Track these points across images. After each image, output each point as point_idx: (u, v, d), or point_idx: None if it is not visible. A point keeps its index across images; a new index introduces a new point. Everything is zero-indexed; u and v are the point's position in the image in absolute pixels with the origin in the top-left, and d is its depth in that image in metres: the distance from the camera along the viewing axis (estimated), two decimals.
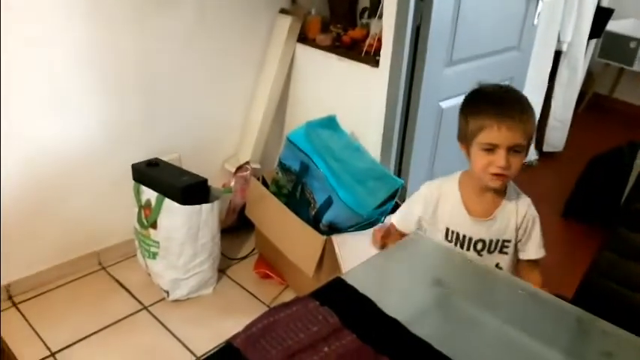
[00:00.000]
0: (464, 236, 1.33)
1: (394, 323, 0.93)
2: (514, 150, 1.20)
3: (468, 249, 1.33)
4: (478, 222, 1.31)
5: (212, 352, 0.92)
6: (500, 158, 1.19)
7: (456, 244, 1.33)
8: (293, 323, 0.92)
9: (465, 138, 1.27)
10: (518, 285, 1.11)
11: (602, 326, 1.04)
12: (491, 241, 1.33)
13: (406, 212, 1.44)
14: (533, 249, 1.36)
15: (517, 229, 1.33)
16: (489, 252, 1.34)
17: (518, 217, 1.33)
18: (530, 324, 1.00)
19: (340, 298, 1.00)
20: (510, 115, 1.19)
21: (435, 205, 1.35)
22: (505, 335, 0.99)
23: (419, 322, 0.96)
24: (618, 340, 0.97)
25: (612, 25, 3.69)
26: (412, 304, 1.03)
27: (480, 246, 1.33)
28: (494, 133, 1.18)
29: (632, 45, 3.76)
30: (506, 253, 1.35)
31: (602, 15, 3.34)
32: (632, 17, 3.90)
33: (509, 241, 1.33)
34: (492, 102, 1.22)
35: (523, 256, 1.37)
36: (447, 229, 1.34)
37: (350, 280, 1.07)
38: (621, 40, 3.79)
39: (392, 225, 1.45)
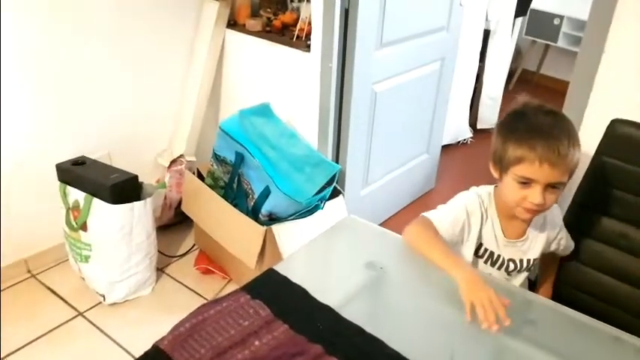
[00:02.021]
0: (498, 255, 1.26)
1: (327, 310, 0.93)
2: (552, 186, 1.09)
3: (500, 268, 1.27)
4: (511, 243, 1.25)
5: (138, 358, 0.88)
6: (536, 194, 1.08)
7: (487, 262, 1.27)
8: (223, 319, 0.89)
9: (500, 163, 1.14)
10: None
11: (529, 297, 1.07)
12: (521, 261, 1.27)
13: (453, 219, 1.23)
14: (570, 242, 1.34)
15: (552, 241, 1.30)
16: (518, 272, 1.29)
17: (552, 231, 1.28)
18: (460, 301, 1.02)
19: (272, 289, 0.98)
20: (555, 151, 1.05)
21: (471, 219, 1.23)
22: (436, 315, 1.01)
23: (351, 305, 0.95)
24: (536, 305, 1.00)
25: (536, 3, 3.83)
26: (345, 289, 1.02)
27: (511, 266, 1.27)
28: (535, 168, 1.06)
29: (556, 22, 3.91)
30: (529, 271, 1.31)
31: None
32: None
33: (536, 259, 1.29)
34: (539, 133, 1.08)
35: (565, 251, 1.35)
36: (481, 245, 1.25)
37: (283, 270, 1.05)
38: (546, 17, 3.94)
39: (423, 220, 1.23)
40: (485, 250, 1.25)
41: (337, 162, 2.25)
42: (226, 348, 0.82)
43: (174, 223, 2.42)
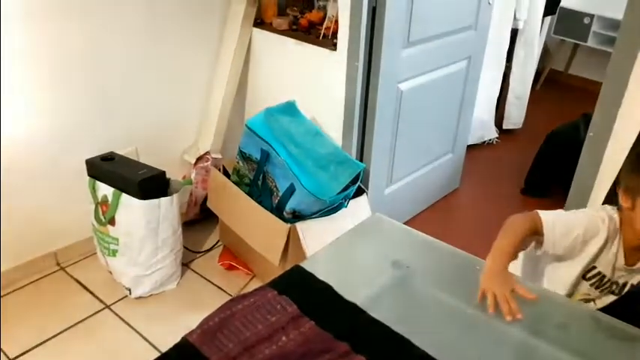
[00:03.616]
0: (608, 280, 1.23)
1: (353, 307, 0.93)
2: None
3: (603, 290, 1.24)
4: (628, 269, 1.22)
5: (168, 350, 0.89)
6: None
7: (593, 285, 1.23)
8: (251, 314, 0.90)
9: (634, 190, 1.12)
10: (474, 262, 1.12)
11: (557, 299, 1.06)
12: (625, 284, 1.23)
13: (566, 232, 1.18)
14: None
15: None
16: (615, 294, 1.25)
17: None
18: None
19: (299, 285, 0.99)
20: None
21: (592, 239, 1.19)
22: (462, 315, 1.00)
23: (377, 304, 0.95)
24: (571, 311, 0.99)
25: (566, 2, 3.76)
26: (371, 287, 1.02)
27: (614, 288, 1.24)
28: None
29: (586, 21, 3.83)
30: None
31: None
32: None
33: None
34: None
35: None
36: (593, 268, 1.21)
37: (309, 267, 1.06)
38: (575, 16, 3.86)
39: (533, 215, 1.19)
40: (598, 273, 1.21)
41: (361, 160, 2.25)
42: (254, 343, 0.83)
43: (199, 219, 2.44)
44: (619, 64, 1.47)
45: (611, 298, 1.24)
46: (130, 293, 2.05)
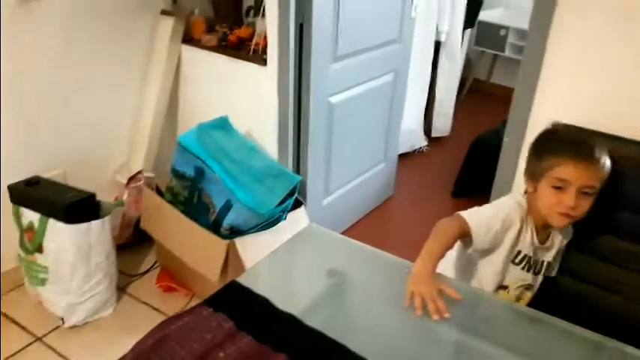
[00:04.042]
0: (535, 260, 1.35)
1: (289, 318, 0.94)
2: (585, 192, 1.19)
3: (533, 270, 1.36)
4: (541, 247, 1.35)
5: None
6: (569, 197, 1.18)
7: (524, 268, 1.35)
8: (186, 334, 0.89)
9: (534, 175, 1.26)
10: (404, 266, 1.16)
11: (479, 293, 1.12)
12: (542, 262, 1.37)
13: (487, 227, 1.27)
14: None
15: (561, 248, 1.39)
16: (537, 273, 1.38)
17: (565, 240, 1.38)
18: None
19: (235, 301, 0.99)
20: (589, 155, 1.19)
21: (510, 229, 1.30)
22: (398, 319, 1.04)
23: (313, 313, 0.98)
24: (494, 305, 1.05)
25: (484, 15, 3.99)
26: (307, 297, 1.05)
27: (545, 268, 1.37)
28: (570, 169, 1.18)
29: (502, 33, 4.09)
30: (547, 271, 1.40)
31: (474, 5, 3.60)
32: (501, 6, 4.25)
33: (550, 262, 1.38)
34: (573, 142, 1.23)
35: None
36: (519, 253, 1.33)
37: (245, 282, 1.06)
38: (493, 28, 4.11)
39: (459, 218, 1.26)
40: (524, 256, 1.32)
41: (298, 173, 2.28)
42: None
43: (132, 241, 2.38)
44: (527, 71, 1.58)
45: (540, 279, 1.38)
46: (63, 322, 1.96)
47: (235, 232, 1.97)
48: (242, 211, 1.92)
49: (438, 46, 3.35)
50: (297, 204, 2.17)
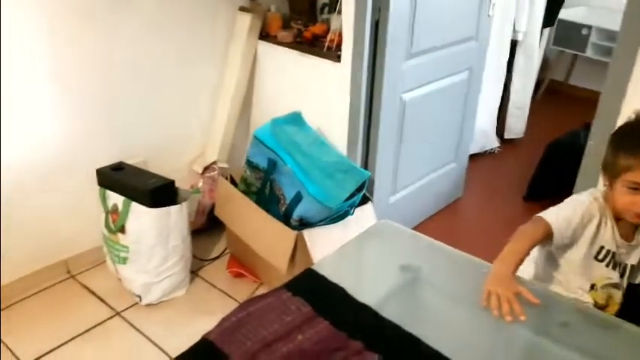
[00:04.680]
0: (618, 257, 1.30)
1: (365, 308, 0.96)
2: None
3: (619, 269, 1.31)
4: (626, 245, 1.30)
5: (188, 349, 0.93)
6: None
7: (608, 265, 1.30)
8: (267, 314, 0.93)
9: (611, 171, 1.22)
10: (480, 265, 1.15)
11: (558, 298, 1.09)
12: (633, 267, 1.32)
13: (566, 221, 1.26)
14: None
15: None
16: (626, 278, 1.33)
17: None
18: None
19: (312, 287, 1.02)
20: None
21: (589, 222, 1.28)
22: (470, 315, 1.04)
23: (388, 306, 0.99)
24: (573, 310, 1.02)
25: (564, 14, 3.82)
26: (382, 289, 1.06)
27: (629, 272, 1.32)
28: None
29: (584, 32, 3.90)
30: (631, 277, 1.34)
31: (554, 4, 3.45)
32: (583, 5, 4.05)
33: (633, 265, 1.32)
34: None
35: None
36: (602, 248, 1.29)
37: (321, 270, 1.09)
38: (574, 27, 3.93)
39: (538, 220, 1.25)
40: (607, 251, 1.28)
41: (366, 170, 2.29)
42: (272, 341, 0.87)
43: (205, 227, 2.48)
44: (617, 74, 1.51)
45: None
46: (141, 300, 2.08)
47: (304, 223, 2.01)
48: (311, 203, 1.96)
49: (514, 44, 3.25)
50: (365, 200, 2.18)
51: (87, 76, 2.07)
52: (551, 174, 2.80)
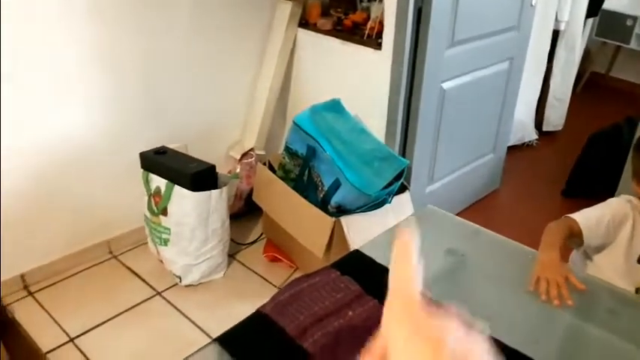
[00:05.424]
0: None
1: None
2: None
3: None
4: None
5: (243, 320, 0.95)
6: None
7: None
8: (317, 291, 0.95)
9: (638, 175, 1.22)
10: (526, 252, 1.15)
11: (607, 285, 1.08)
12: None
13: (596, 219, 1.26)
14: None
15: None
16: None
17: None
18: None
19: (360, 268, 1.04)
20: None
21: (623, 222, 1.27)
22: (516, 297, 1.04)
23: (434, 287, 0.99)
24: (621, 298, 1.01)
25: (608, 4, 3.72)
26: (428, 272, 1.06)
27: None
28: None
29: (629, 23, 3.78)
30: None
31: None
32: None
33: None
34: None
35: None
36: None
37: (367, 252, 1.10)
38: (618, 18, 3.82)
39: (566, 218, 1.26)
40: None
41: (404, 157, 2.28)
42: (323, 316, 0.89)
43: (242, 212, 2.52)
44: None
45: None
46: (180, 281, 2.13)
47: (342, 210, 2.02)
48: (349, 190, 1.97)
49: (555, 35, 3.18)
50: (402, 189, 2.18)
51: (133, 64, 2.13)
52: (591, 168, 2.74)
